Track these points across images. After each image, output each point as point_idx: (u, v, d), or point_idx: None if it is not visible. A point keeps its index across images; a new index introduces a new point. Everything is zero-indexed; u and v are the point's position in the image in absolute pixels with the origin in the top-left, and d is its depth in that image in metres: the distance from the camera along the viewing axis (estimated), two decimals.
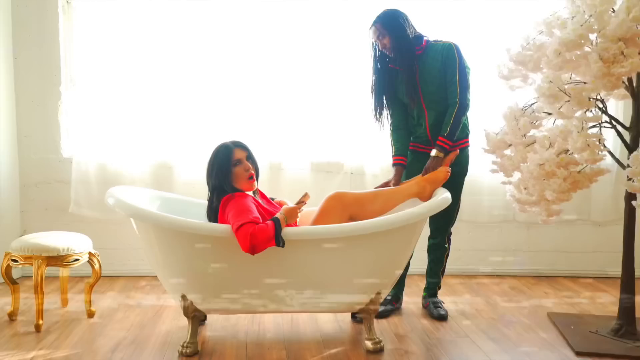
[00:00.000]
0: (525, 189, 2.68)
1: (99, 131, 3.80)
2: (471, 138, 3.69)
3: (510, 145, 2.78)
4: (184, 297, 2.60)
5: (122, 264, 3.90)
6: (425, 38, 2.93)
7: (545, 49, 2.47)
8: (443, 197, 2.70)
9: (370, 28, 2.92)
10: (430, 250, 3.21)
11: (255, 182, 2.63)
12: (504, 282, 3.83)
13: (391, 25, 2.85)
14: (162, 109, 3.81)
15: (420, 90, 2.93)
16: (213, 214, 2.60)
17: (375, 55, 2.99)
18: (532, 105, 2.75)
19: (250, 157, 2.63)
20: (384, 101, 3.04)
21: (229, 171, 2.55)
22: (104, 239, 3.80)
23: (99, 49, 3.77)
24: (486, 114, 3.76)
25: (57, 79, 3.80)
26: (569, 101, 2.39)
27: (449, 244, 3.20)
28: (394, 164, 3.07)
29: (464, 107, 2.85)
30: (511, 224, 3.97)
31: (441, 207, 2.66)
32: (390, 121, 3.10)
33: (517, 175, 2.92)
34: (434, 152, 2.87)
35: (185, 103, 3.81)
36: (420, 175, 2.88)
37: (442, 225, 3.11)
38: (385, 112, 3.06)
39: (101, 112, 3.79)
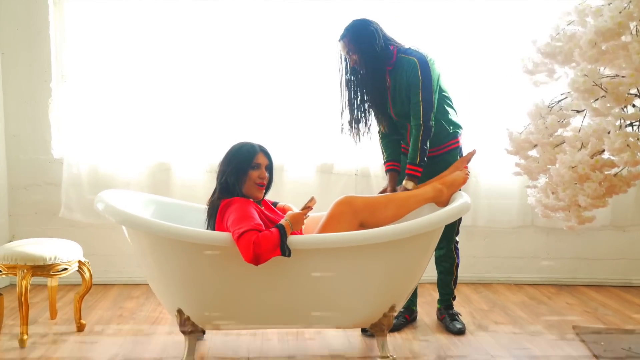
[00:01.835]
0: (553, 193, 2.45)
1: (92, 130, 3.59)
2: (488, 138, 3.53)
3: (535, 145, 2.55)
4: (180, 311, 2.38)
5: (117, 271, 3.69)
6: (396, 49, 2.69)
7: (577, 40, 2.24)
8: (463, 202, 2.47)
9: (339, 41, 2.69)
10: (438, 262, 2.98)
11: (264, 192, 2.44)
12: (522, 292, 3.60)
13: (359, 42, 2.63)
14: (159, 107, 3.60)
15: (392, 108, 2.77)
16: (214, 212, 2.38)
17: (346, 68, 2.76)
18: (560, 102, 2.52)
19: (269, 168, 2.45)
20: (364, 114, 2.82)
21: (245, 172, 2.36)
22: (98, 245, 3.60)
23: (92, 44, 3.56)
24: (498, 112, 3.57)
25: (47, 75, 3.59)
26: (604, 97, 2.16)
27: (457, 254, 2.96)
28: (387, 170, 2.89)
29: (428, 129, 2.65)
30: (529, 229, 3.74)
31: (461, 213, 2.44)
32: (378, 129, 2.92)
33: (541, 178, 2.70)
34: (410, 185, 2.66)
35: (184, 101, 3.60)
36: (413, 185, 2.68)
37: (445, 234, 2.84)
38: (363, 126, 2.84)
39: (94, 110, 3.59)
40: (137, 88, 3.58)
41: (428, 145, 2.67)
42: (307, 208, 2.36)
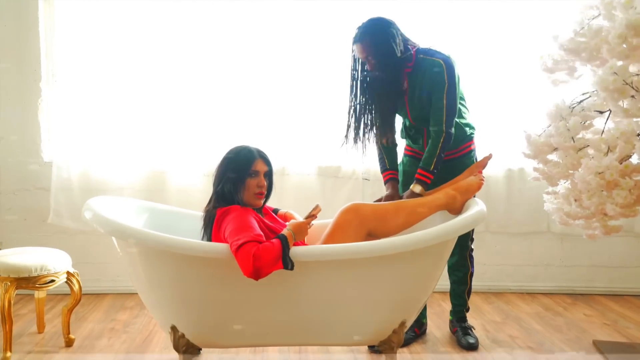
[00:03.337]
0: (576, 200, 2.28)
1: (84, 133, 3.43)
2: (501, 140, 3.37)
3: (555, 149, 2.37)
4: (174, 328, 2.21)
5: (110, 280, 3.51)
6: (415, 49, 2.48)
7: (605, 35, 2.07)
8: (478, 210, 2.29)
9: (355, 44, 2.44)
10: (451, 271, 2.80)
11: (262, 200, 2.27)
12: (536, 301, 3.42)
13: (379, 45, 2.39)
14: (154, 107, 3.43)
15: (409, 112, 2.57)
16: (210, 221, 2.21)
17: (362, 72, 2.51)
18: (582, 103, 2.35)
19: (268, 175, 2.27)
20: (374, 122, 2.59)
21: (242, 180, 2.18)
22: (89, 252, 3.44)
23: (84, 42, 3.40)
24: (512, 112, 3.41)
25: (37, 74, 3.42)
26: (633, 96, 1.99)
27: (472, 263, 2.79)
28: (389, 180, 2.65)
29: (449, 136, 2.46)
30: (543, 235, 3.57)
31: (477, 222, 2.25)
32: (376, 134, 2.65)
33: (560, 184, 2.53)
34: (418, 189, 2.45)
35: (180, 101, 3.44)
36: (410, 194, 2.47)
37: (459, 240, 2.64)
38: (368, 134, 2.61)
39: (86, 111, 3.43)
40: (132, 87, 3.42)
41: (444, 154, 2.48)
42: (311, 216, 2.19)
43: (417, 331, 2.81)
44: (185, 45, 3.41)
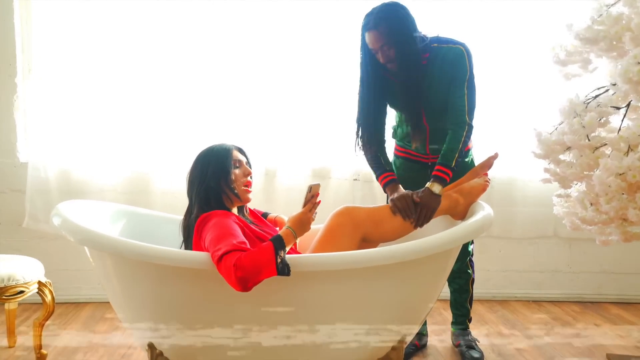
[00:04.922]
0: (592, 204, 2.08)
1: (63, 131, 3.21)
2: (504, 140, 3.18)
3: (568, 148, 2.18)
4: (151, 346, 2.01)
5: (90, 288, 3.30)
6: (427, 40, 2.23)
7: (627, 22, 1.88)
8: (485, 215, 2.10)
9: (369, 32, 2.14)
10: (451, 278, 2.59)
11: (251, 193, 2.07)
12: (543, 310, 3.23)
13: (398, 32, 2.12)
14: (138, 106, 3.23)
15: (423, 110, 2.31)
16: (189, 230, 2.03)
17: (366, 63, 2.23)
18: (597, 98, 2.16)
19: (248, 165, 2.09)
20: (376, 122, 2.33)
21: (227, 172, 1.98)
22: (69, 259, 3.23)
23: (63, 35, 3.18)
24: (516, 109, 3.23)
25: (12, 68, 3.21)
26: None
27: (472, 268, 2.60)
28: (390, 181, 2.29)
29: (471, 128, 2.24)
30: (550, 240, 3.38)
31: (484, 227, 2.06)
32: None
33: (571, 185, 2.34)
34: (437, 189, 2.17)
35: (165, 100, 3.24)
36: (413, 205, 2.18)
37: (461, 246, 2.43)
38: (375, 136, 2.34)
39: (65, 108, 3.21)
40: (114, 84, 3.21)
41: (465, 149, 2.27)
42: (309, 202, 1.90)
43: (417, 344, 2.62)
44: (172, 42, 3.21)
